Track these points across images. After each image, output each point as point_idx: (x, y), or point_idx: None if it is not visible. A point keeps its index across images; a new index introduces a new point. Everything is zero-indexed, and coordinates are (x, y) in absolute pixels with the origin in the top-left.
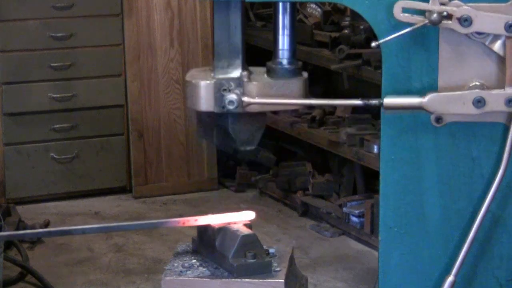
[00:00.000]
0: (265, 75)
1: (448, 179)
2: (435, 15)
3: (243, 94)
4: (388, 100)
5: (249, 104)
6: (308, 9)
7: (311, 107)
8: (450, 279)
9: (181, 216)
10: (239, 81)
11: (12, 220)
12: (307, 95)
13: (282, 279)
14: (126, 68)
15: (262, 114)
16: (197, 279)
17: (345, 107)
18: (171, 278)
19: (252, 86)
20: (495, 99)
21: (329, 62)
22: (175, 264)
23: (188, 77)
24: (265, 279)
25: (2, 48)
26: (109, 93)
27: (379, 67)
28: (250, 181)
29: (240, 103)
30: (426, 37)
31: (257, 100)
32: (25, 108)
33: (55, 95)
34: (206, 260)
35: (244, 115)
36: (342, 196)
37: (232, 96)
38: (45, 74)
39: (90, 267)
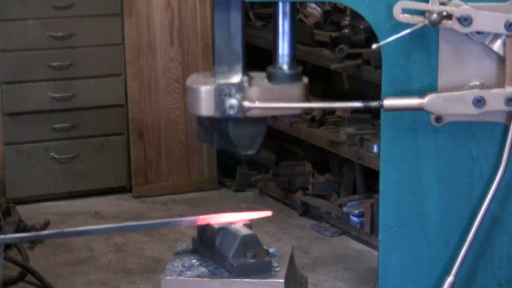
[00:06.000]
0: (266, 80)
1: (448, 179)
2: (435, 15)
3: (244, 99)
4: (388, 102)
5: (250, 109)
6: (308, 9)
7: None
8: (450, 279)
9: (181, 216)
10: (239, 86)
11: (12, 220)
12: (307, 100)
13: (282, 279)
14: (126, 68)
15: (262, 119)
16: (197, 279)
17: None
18: (171, 278)
19: (253, 91)
20: (495, 99)
21: (329, 62)
22: (175, 264)
23: (188, 82)
24: (265, 279)
25: (2, 48)
26: (109, 92)
27: (379, 67)
28: (250, 181)
29: (241, 108)
30: (426, 37)
31: (257, 105)
32: (25, 107)
33: (55, 95)
34: (206, 260)
35: (245, 120)
36: (342, 196)
37: (233, 101)
38: (45, 73)
39: (90, 267)
